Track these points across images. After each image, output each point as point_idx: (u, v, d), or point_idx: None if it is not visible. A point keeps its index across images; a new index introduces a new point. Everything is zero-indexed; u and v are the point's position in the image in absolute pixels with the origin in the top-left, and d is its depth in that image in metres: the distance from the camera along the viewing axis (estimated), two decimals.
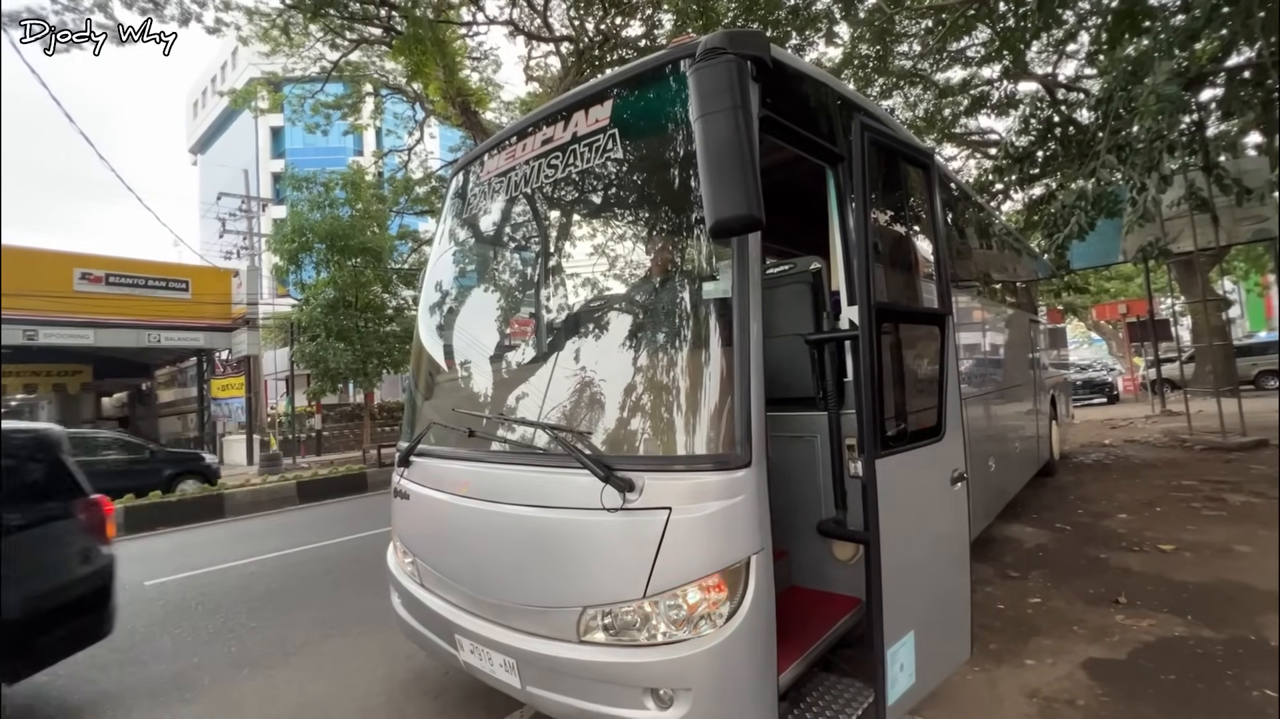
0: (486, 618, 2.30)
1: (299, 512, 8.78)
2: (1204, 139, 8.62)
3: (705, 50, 1.78)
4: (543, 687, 2.14)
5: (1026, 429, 5.96)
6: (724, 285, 2.01)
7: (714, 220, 1.69)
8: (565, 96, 2.59)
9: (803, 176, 2.85)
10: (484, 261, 3.09)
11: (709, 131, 1.71)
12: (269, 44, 13.76)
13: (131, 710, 3.02)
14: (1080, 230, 7.23)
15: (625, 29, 13.85)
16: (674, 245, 2.44)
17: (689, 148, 2.11)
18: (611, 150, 2.32)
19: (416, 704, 2.87)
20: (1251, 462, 7.33)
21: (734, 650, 1.83)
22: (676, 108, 2.16)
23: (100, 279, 15.39)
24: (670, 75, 2.21)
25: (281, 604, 4.52)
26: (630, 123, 2.31)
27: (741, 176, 1.68)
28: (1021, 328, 6.28)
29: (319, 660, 3.43)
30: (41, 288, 14.15)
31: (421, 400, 3.09)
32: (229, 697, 3.10)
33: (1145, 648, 2.94)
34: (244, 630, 3.98)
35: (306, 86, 16.03)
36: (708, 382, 2.00)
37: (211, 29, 12.53)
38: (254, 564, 5.72)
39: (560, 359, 2.44)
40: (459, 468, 2.49)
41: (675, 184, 2.17)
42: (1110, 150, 7.31)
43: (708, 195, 1.70)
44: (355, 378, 16.45)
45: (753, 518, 1.88)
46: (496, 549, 2.28)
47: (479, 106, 14.28)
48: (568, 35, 14.21)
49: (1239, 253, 19.13)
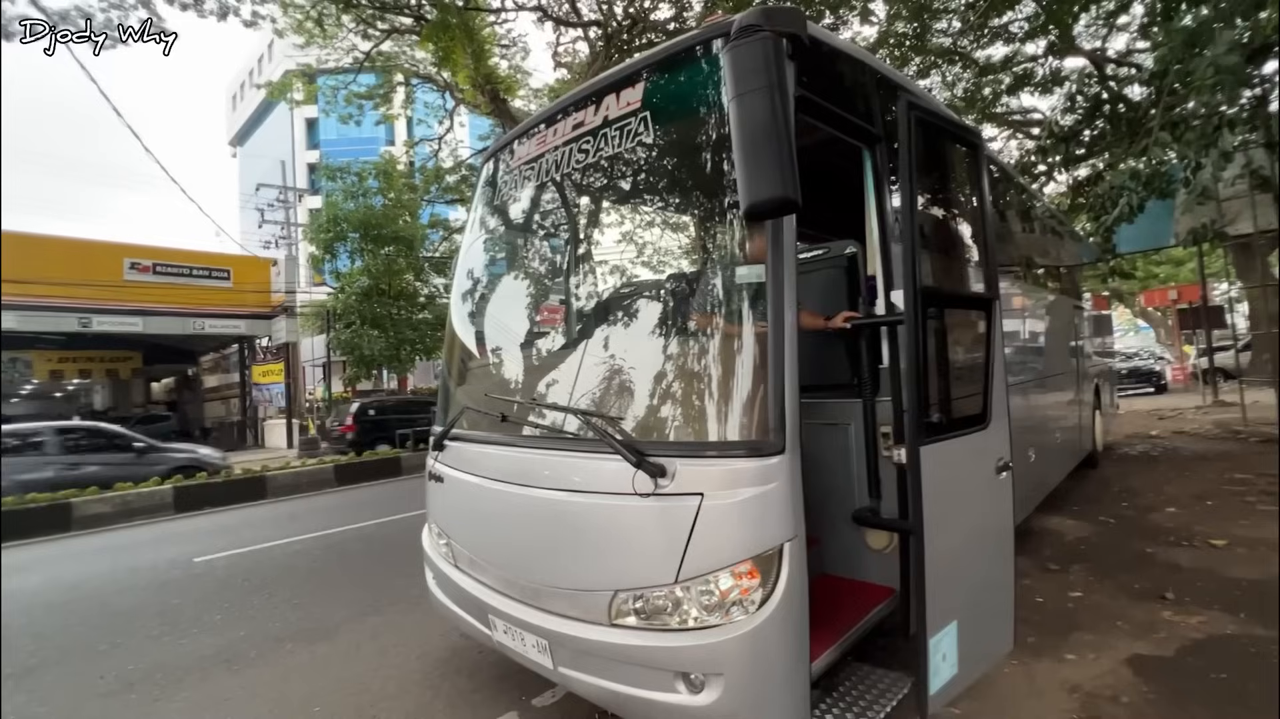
0: (519, 599, 2.33)
1: (336, 494, 9.05)
2: (1266, 114, 8.13)
3: (740, 28, 1.73)
4: (574, 668, 2.16)
5: (1068, 419, 5.77)
6: (758, 269, 1.97)
7: (749, 202, 1.66)
8: (596, 80, 2.56)
9: (835, 157, 2.78)
10: (516, 248, 3.10)
11: (744, 111, 1.67)
12: (303, 36, 13.97)
13: (183, 680, 3.16)
14: (1130, 212, 6.90)
15: (654, 12, 13.68)
16: (707, 229, 2.41)
17: (722, 130, 2.07)
18: (643, 133, 2.29)
19: (451, 682, 2.94)
20: None
21: (766, 637, 1.82)
22: (710, 89, 2.12)
23: (148, 268, 15.99)
24: (703, 56, 2.17)
25: (322, 582, 4.68)
26: (662, 105, 2.27)
27: (777, 157, 1.64)
28: (1064, 314, 6.06)
29: (358, 637, 3.54)
30: (95, 277, 14.76)
31: (455, 386, 3.14)
32: (274, 669, 3.23)
33: (1194, 646, 2.83)
34: (287, 607, 4.13)
35: (340, 77, 16.27)
36: (741, 367, 1.97)
37: (248, 22, 12.77)
38: (296, 544, 5.92)
39: (592, 345, 2.44)
40: (492, 452, 2.52)
41: (708, 167, 2.14)
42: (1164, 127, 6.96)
43: (742, 177, 1.67)
44: (389, 364, 16.82)
45: (786, 505, 1.86)
46: (529, 532, 2.31)
47: (507, 94, 14.31)
48: (596, 20, 14.10)
49: None
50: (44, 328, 14.98)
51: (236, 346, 20.19)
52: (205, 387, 24.94)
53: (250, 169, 35.24)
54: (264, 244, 20.35)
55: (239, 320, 17.85)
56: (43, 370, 20.07)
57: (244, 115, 42.04)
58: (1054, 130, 10.27)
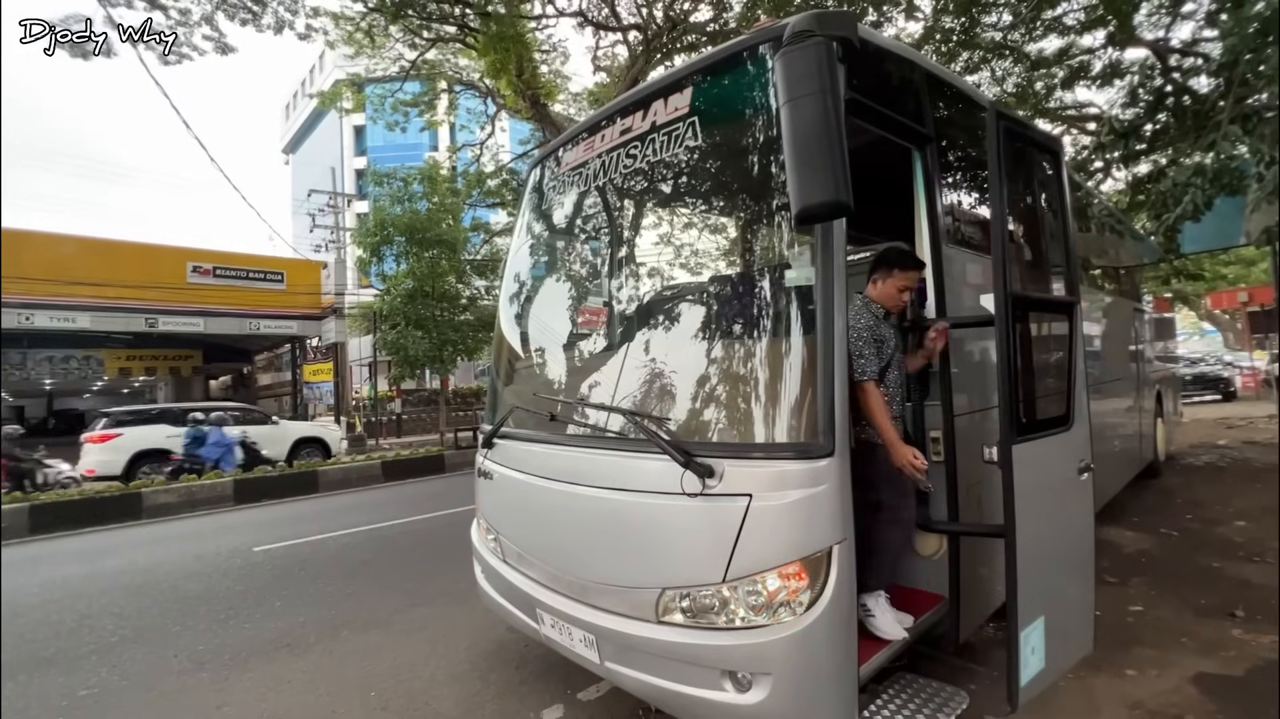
0: (567, 594, 2.39)
1: (384, 489, 9.35)
2: None
3: (793, 33, 1.75)
4: (621, 663, 2.20)
5: (1127, 426, 5.54)
6: (807, 273, 1.98)
7: (800, 207, 1.68)
8: (644, 86, 2.61)
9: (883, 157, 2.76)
10: (564, 252, 3.17)
11: (796, 116, 1.69)
12: (353, 47, 14.49)
13: (249, 661, 3.33)
14: (1195, 210, 6.57)
15: (693, 14, 13.68)
16: (756, 232, 2.43)
17: (771, 133, 2.09)
18: (691, 138, 2.32)
19: (499, 673, 3.02)
20: None
21: (815, 638, 1.83)
22: (759, 94, 2.15)
23: (209, 271, 16.78)
24: (752, 61, 2.19)
25: (374, 574, 4.85)
26: (711, 110, 2.30)
27: (829, 162, 1.65)
28: (1123, 317, 5.83)
29: (408, 627, 3.67)
30: (161, 280, 15.59)
31: (503, 385, 3.23)
32: (332, 654, 3.37)
33: (1267, 666, 2.70)
34: (341, 596, 4.31)
35: (386, 85, 16.79)
36: (790, 370, 1.99)
37: (302, 35, 13.33)
38: (347, 536, 6.15)
39: (640, 347, 2.48)
40: (541, 450, 2.58)
41: (757, 171, 2.16)
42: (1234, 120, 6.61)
43: (794, 181, 1.68)
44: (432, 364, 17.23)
45: (835, 508, 1.86)
46: (577, 529, 2.36)
47: (548, 99, 14.53)
48: (635, 24, 14.19)
49: None
50: (114, 327, 15.90)
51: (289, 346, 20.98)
52: (259, 384, 26.03)
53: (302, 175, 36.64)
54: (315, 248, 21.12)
55: (291, 321, 18.55)
56: (113, 368, 21.24)
57: (296, 124, 43.76)
58: (1114, 126, 9.85)
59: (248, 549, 5.75)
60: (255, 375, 26.17)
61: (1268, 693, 2.50)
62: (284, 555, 5.52)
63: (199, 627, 3.88)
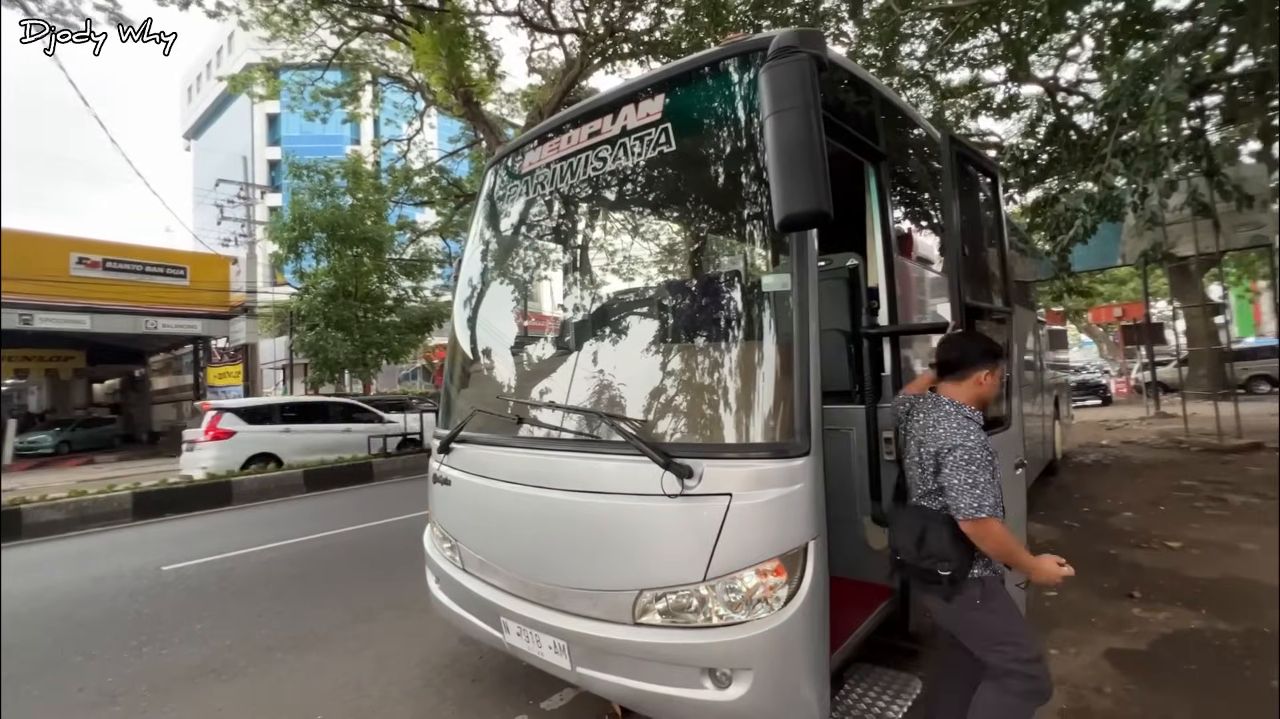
0: (535, 601, 2.34)
1: (307, 500, 8.77)
2: (1206, 145, 8.74)
3: (778, 48, 1.82)
4: (594, 668, 2.19)
5: (1033, 430, 6.07)
6: (784, 278, 2.06)
7: (784, 214, 1.74)
8: (614, 90, 2.63)
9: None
10: (528, 253, 3.12)
11: (781, 128, 1.76)
12: (270, 29, 13.61)
13: (170, 691, 3.04)
14: (1085, 233, 7.32)
15: (630, 23, 13.82)
16: (729, 238, 2.49)
17: (743, 143, 2.17)
18: (663, 144, 2.36)
19: (455, 687, 2.92)
20: (1248, 463, 7.49)
21: (793, 632, 1.89)
22: (733, 103, 2.21)
23: (97, 264, 15.25)
24: (727, 71, 2.25)
25: (306, 589, 4.55)
26: (684, 117, 2.35)
27: (812, 172, 1.73)
28: (1027, 329, 6.39)
29: (353, 644, 3.47)
30: (38, 272, 14.00)
31: (459, 389, 3.13)
32: (267, 678, 3.13)
33: (1164, 639, 3.04)
34: (272, 615, 4.01)
35: (306, 73, 15.90)
36: (768, 372, 2.05)
37: (212, 13, 12.42)
38: (271, 550, 5.72)
39: (613, 350, 2.48)
40: (507, 455, 2.53)
41: (730, 178, 2.22)
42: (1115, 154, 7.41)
43: (778, 190, 1.75)
44: (354, 368, 16.42)
45: (811, 505, 1.93)
46: (547, 534, 2.32)
47: (481, 97, 14.22)
48: (573, 28, 14.17)
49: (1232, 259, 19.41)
50: None
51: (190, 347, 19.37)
52: (154, 389, 23.82)
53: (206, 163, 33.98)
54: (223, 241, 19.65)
55: (194, 320, 17.15)
56: None
57: (200, 108, 40.57)
58: (1014, 154, 10.78)
59: (155, 569, 5.24)
60: (149, 379, 23.93)
61: (1167, 663, 2.81)
62: (199, 574, 5.07)
63: (106, 656, 3.49)
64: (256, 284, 18.34)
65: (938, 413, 1.97)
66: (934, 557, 1.88)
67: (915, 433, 2.04)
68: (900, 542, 2.00)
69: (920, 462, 1.98)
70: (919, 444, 2.00)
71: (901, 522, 2.03)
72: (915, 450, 2.02)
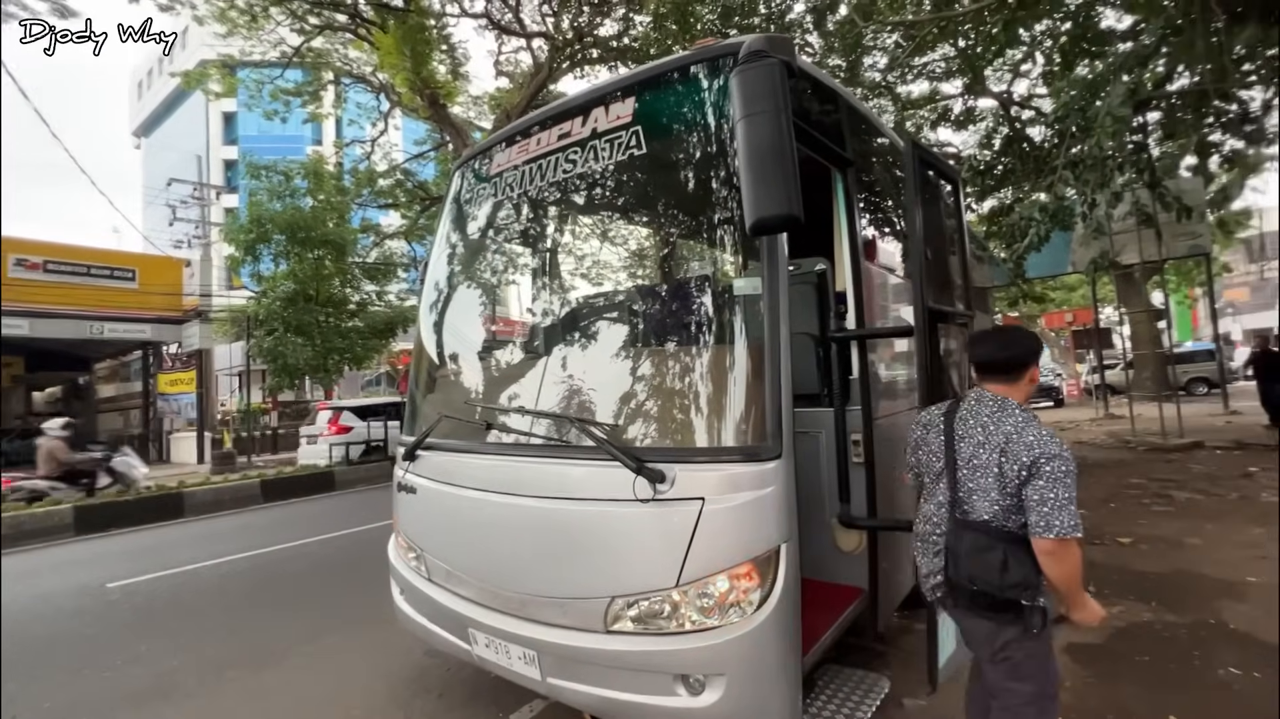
0: (504, 611, 2.29)
1: (264, 511, 8.46)
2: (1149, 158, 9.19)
3: (749, 53, 1.83)
4: (565, 678, 2.15)
5: None
6: (755, 282, 2.06)
7: (756, 218, 1.75)
8: (584, 93, 2.61)
9: None
10: (496, 257, 3.07)
11: (752, 132, 1.76)
12: (227, 25, 13.19)
13: (113, 715, 2.87)
14: (1039, 241, 7.60)
15: (598, 28, 13.84)
16: (699, 242, 2.49)
17: (713, 147, 2.17)
18: (634, 147, 2.35)
19: (421, 701, 2.83)
20: (1190, 461, 7.85)
21: (765, 636, 1.88)
22: (704, 108, 2.22)
23: (38, 266, 14.49)
24: (696, 76, 2.26)
25: (262, 604, 4.37)
26: (655, 120, 2.34)
27: (783, 176, 1.74)
28: None
29: (311, 660, 3.34)
30: None
31: (425, 395, 3.06)
32: (219, 699, 2.99)
33: (1118, 632, 3.14)
34: (224, 632, 3.83)
35: (265, 71, 15.45)
36: (739, 376, 2.05)
37: (165, 6, 11.98)
38: (225, 564, 5.49)
39: (582, 355, 2.46)
40: (475, 461, 2.47)
41: (701, 182, 2.22)
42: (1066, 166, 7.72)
43: (750, 194, 1.75)
44: (314, 374, 15.94)
45: (782, 508, 1.94)
46: (516, 542, 2.28)
47: (448, 99, 14.04)
48: (541, 32, 14.12)
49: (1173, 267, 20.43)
50: None
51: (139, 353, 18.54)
52: (100, 396, 22.72)
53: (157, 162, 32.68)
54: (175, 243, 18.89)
55: (144, 325, 16.41)
56: None
57: (151, 104, 39.01)
58: (972, 165, 11.13)
59: (99, 586, 4.96)
60: (95, 386, 22.82)
61: (1122, 655, 2.91)
62: (147, 591, 4.83)
63: (42, 679, 3.28)
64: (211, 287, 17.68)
65: (1005, 415, 1.74)
66: (1019, 585, 1.67)
67: (971, 435, 1.78)
68: (970, 568, 1.72)
69: (1000, 472, 1.68)
70: (986, 449, 1.73)
71: (966, 542, 1.73)
72: (984, 458, 1.73)
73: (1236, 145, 9.28)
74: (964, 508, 1.76)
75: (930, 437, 1.94)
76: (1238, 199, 13.17)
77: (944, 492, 1.83)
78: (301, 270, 15.06)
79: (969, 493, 1.76)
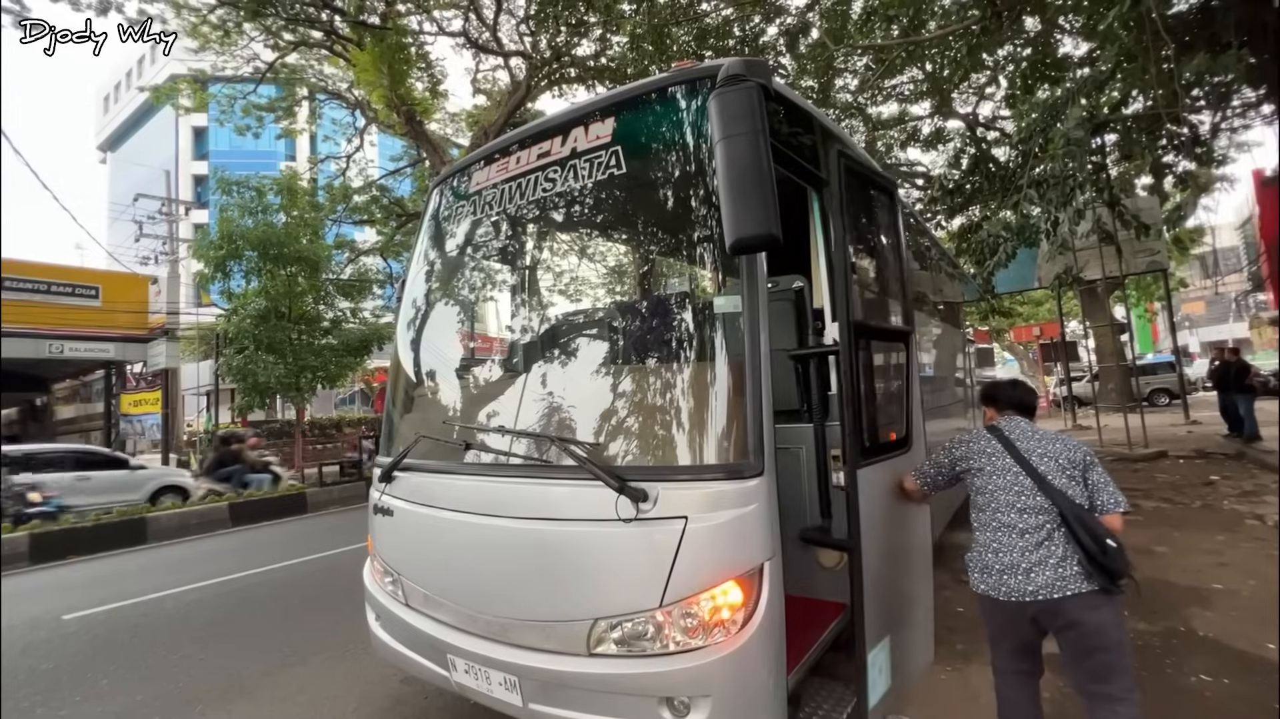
0: (484, 635, 2.25)
1: (233, 535, 8.18)
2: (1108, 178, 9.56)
3: (727, 76, 1.86)
4: (547, 703, 2.10)
5: None
6: (735, 300, 2.08)
7: (735, 238, 1.77)
8: (563, 113, 2.63)
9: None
10: (475, 276, 3.05)
11: (731, 153, 1.79)
12: (198, 40, 13.05)
13: None
14: (1007, 258, 7.83)
15: (576, 47, 13.99)
16: (679, 261, 2.51)
17: (691, 167, 2.20)
18: (613, 167, 2.37)
19: None
20: (1155, 471, 8.08)
21: (751, 655, 1.87)
22: (683, 129, 2.25)
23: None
24: (674, 97, 2.29)
25: (231, 633, 4.21)
26: (632, 141, 2.36)
27: (761, 197, 1.76)
28: (954, 347, 6.72)
29: (282, 691, 3.22)
30: None
31: (402, 414, 3.01)
32: None
33: None
34: (191, 663, 3.68)
35: (238, 87, 15.29)
36: (721, 393, 2.06)
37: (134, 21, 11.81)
38: (192, 592, 5.28)
39: (562, 374, 2.45)
40: (454, 483, 2.43)
41: (678, 202, 2.24)
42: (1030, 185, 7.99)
43: (729, 214, 1.78)
44: (286, 392, 15.58)
45: (765, 525, 1.94)
46: (496, 564, 2.24)
47: (424, 116, 14.02)
48: (519, 50, 14.22)
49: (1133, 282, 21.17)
50: None
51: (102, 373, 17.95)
52: (58, 418, 21.88)
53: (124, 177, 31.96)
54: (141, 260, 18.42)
55: (107, 344, 15.90)
56: None
57: (119, 118, 38.24)
58: (942, 184, 11.44)
59: (55, 618, 4.73)
60: (53, 408, 21.98)
61: None
62: (107, 621, 4.62)
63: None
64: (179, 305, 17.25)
65: (1044, 431, 2.29)
66: (1126, 564, 1.99)
67: (1036, 449, 2.20)
68: (1104, 539, 1.99)
69: (1069, 472, 2.12)
70: (1051, 459, 2.15)
71: (1089, 521, 2.03)
72: (1051, 466, 2.14)
73: (1188, 166, 9.69)
74: (1064, 496, 2.10)
75: (993, 457, 2.28)
76: (1191, 217, 13.78)
77: (1029, 494, 2.14)
78: (274, 287, 14.75)
79: (1064, 486, 2.12)
